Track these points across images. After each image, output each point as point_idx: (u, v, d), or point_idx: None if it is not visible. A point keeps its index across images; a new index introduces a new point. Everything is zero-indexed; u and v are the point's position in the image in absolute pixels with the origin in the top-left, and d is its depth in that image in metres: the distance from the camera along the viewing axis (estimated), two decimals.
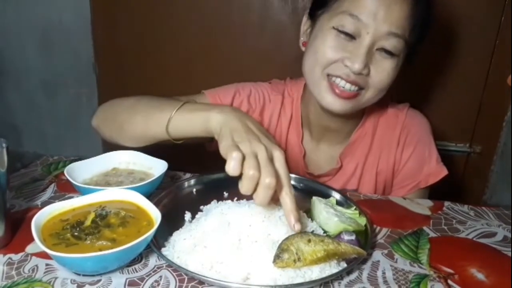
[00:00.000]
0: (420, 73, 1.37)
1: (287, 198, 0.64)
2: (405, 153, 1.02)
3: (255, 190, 0.62)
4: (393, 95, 1.02)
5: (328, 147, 1.06)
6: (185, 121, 0.77)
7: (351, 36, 0.86)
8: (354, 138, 1.03)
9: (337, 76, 0.88)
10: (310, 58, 0.92)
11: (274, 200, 0.66)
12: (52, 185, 0.89)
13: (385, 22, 0.84)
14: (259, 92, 1.07)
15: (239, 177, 0.62)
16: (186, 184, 0.88)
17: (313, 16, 0.94)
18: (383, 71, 0.87)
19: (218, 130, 0.70)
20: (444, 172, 0.99)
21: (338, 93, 0.88)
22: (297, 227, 0.64)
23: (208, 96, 1.03)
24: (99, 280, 0.61)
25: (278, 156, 0.65)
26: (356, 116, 1.02)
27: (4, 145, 0.66)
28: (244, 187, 0.61)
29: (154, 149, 0.89)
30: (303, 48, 0.98)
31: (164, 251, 0.66)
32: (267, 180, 0.61)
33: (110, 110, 0.94)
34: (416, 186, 1.01)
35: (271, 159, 0.63)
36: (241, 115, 0.71)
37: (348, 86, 0.87)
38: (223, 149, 0.64)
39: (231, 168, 0.61)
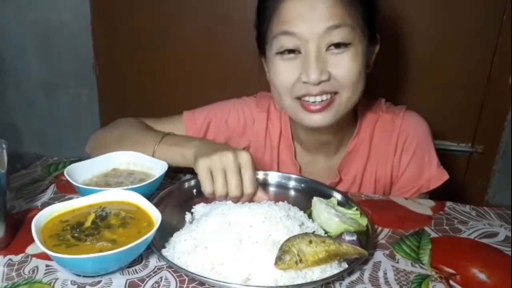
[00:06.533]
0: (422, 73, 1.37)
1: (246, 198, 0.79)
2: (403, 159, 0.98)
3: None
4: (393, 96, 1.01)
5: (325, 159, 1.03)
6: (165, 155, 0.87)
7: (294, 52, 0.85)
8: (350, 148, 0.99)
9: (304, 95, 0.86)
10: (274, 90, 0.92)
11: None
12: (52, 186, 0.89)
13: (319, 22, 0.81)
14: (240, 112, 1.05)
15: None
16: (186, 184, 0.88)
17: (262, 52, 0.94)
18: (342, 67, 0.83)
19: (193, 161, 0.81)
20: (445, 176, 0.97)
21: (313, 109, 0.86)
22: None
23: (185, 118, 1.04)
24: (100, 281, 0.61)
25: (244, 160, 0.78)
26: (348, 125, 0.99)
27: (4, 146, 0.66)
28: (218, 198, 0.78)
29: None
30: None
31: (165, 252, 0.66)
32: (234, 193, 0.77)
33: (100, 141, 0.98)
34: (417, 191, 0.98)
35: (239, 165, 0.77)
36: (210, 143, 0.87)
37: (318, 98, 0.85)
38: (200, 175, 0.79)
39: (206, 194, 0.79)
